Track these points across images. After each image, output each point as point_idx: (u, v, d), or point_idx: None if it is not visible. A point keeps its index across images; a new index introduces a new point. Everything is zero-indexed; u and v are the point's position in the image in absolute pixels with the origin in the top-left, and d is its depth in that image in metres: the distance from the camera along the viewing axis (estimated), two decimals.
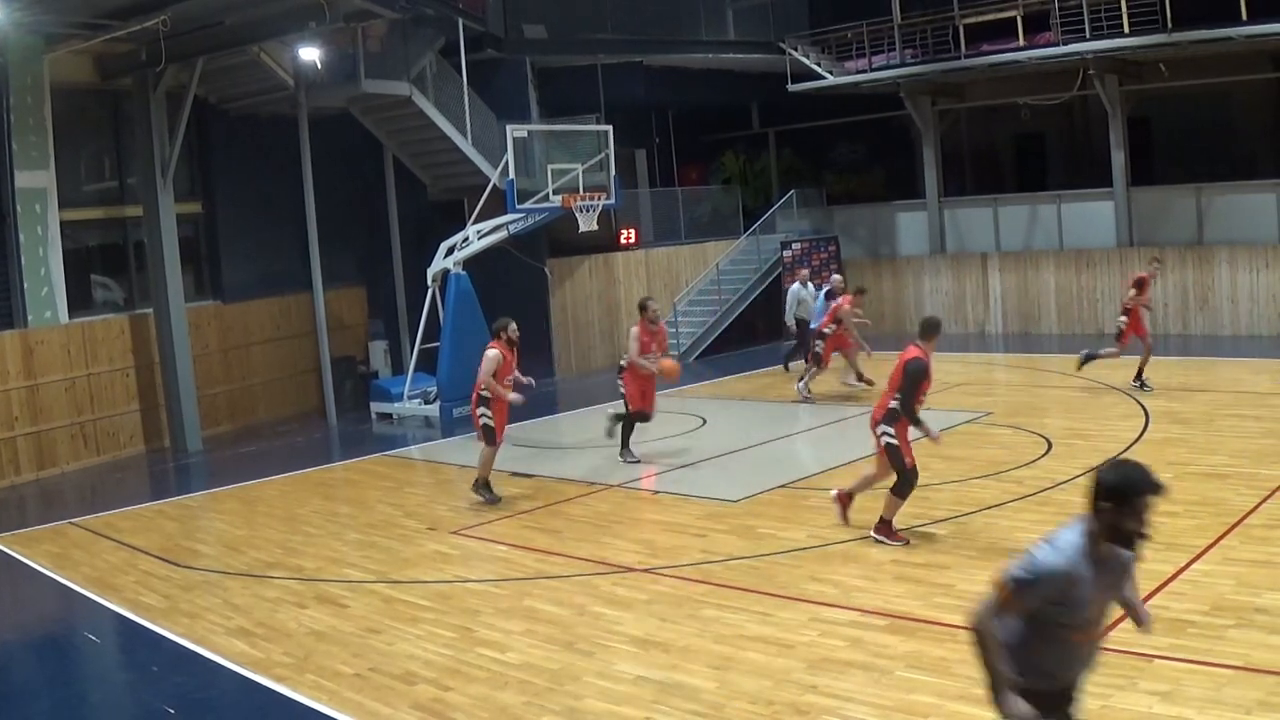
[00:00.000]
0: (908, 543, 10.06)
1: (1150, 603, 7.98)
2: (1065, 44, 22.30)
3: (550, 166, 19.47)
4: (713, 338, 25.29)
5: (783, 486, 12.67)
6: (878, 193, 29.01)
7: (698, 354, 24.81)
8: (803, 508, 11.75)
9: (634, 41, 25.41)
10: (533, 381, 13.58)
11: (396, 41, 20.89)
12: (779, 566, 9.80)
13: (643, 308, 14.80)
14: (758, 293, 26.33)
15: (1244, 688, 6.57)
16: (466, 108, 21.37)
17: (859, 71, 25.44)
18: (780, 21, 27.18)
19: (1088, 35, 21.88)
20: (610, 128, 20.10)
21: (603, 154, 19.78)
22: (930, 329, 10.29)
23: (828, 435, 15.89)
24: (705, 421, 17.25)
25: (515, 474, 14.25)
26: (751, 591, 9.14)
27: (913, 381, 9.94)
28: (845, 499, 10.81)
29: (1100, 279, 23.82)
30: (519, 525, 12.01)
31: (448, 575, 10.48)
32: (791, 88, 26.15)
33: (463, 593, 9.88)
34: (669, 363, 14.98)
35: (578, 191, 19.38)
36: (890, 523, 10.19)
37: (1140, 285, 16.55)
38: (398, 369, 22.24)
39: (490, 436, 12.87)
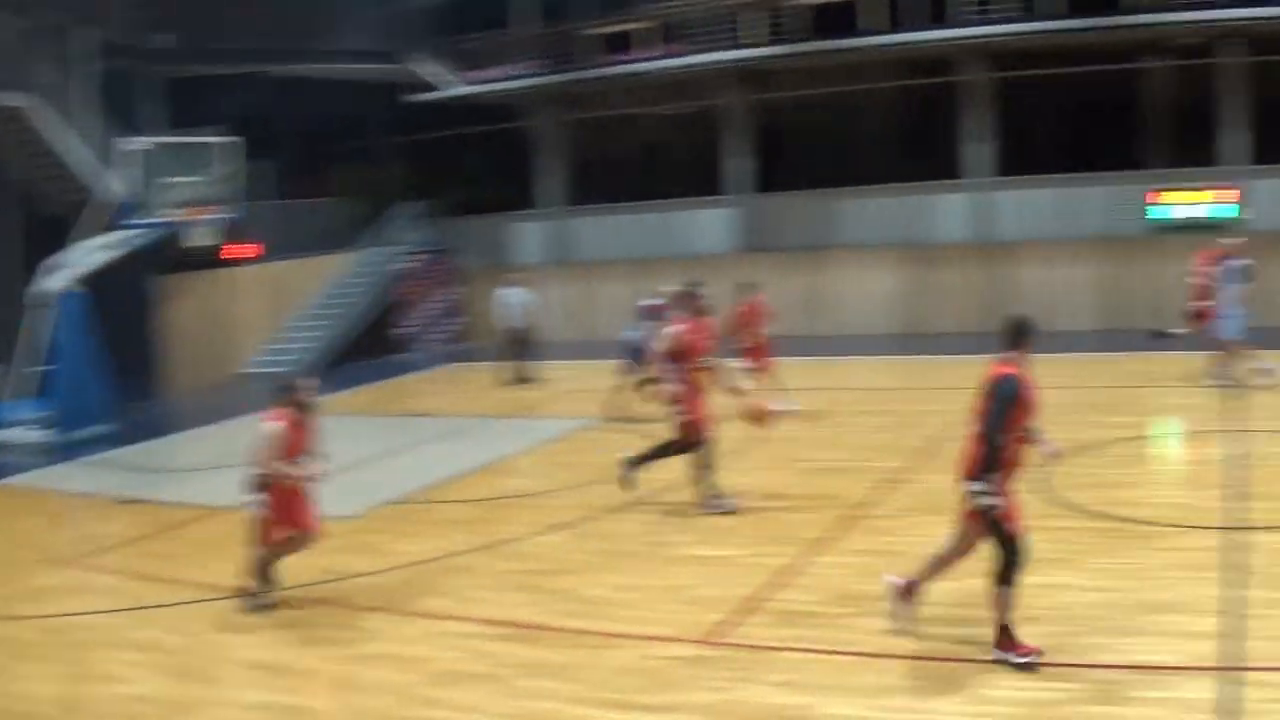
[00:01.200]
0: (1040, 655, 6.64)
1: (772, 599, 8.05)
2: (692, 55, 22.86)
3: (167, 180, 18.82)
4: (329, 352, 24.24)
5: (401, 502, 12.17)
6: (499, 203, 28.80)
7: (313, 370, 23.69)
8: (421, 520, 11.39)
9: (254, 52, 24.76)
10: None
11: (17, 49, 19.36)
12: (398, 581, 9.39)
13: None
14: (374, 306, 25.71)
15: (867, 673, 6.69)
16: (91, 121, 20.18)
17: (481, 83, 25.26)
18: (403, 33, 26.83)
19: (715, 48, 22.51)
20: (231, 140, 19.44)
21: (224, 167, 19.21)
22: (1020, 333, 6.98)
23: (445, 448, 15.37)
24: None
25: (124, 501, 13.07)
26: (371, 610, 8.71)
27: (1000, 409, 6.71)
28: (905, 591, 7.19)
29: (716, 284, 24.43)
30: (131, 554, 10.96)
31: (64, 608, 9.34)
32: (409, 99, 25.69)
33: (76, 626, 8.88)
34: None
35: (195, 205, 18.73)
36: (1009, 629, 6.69)
37: None
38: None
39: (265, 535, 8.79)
